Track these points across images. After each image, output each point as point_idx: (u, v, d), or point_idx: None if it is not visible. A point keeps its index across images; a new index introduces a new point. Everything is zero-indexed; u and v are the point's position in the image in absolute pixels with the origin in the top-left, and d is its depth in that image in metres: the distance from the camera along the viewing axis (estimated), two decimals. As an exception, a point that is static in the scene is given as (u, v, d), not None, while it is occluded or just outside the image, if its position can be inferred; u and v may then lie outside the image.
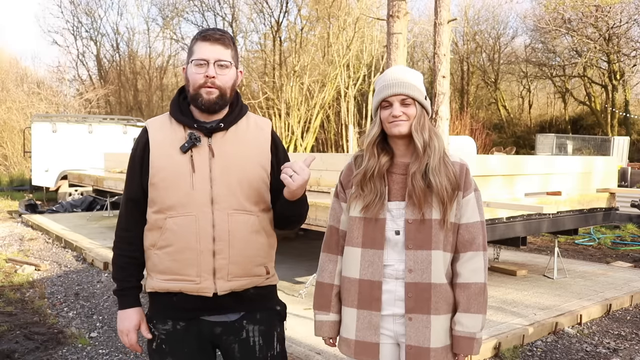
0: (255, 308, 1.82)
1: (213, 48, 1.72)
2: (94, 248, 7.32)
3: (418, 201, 1.73)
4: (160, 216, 1.73)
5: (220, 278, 1.72)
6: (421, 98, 1.78)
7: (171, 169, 1.72)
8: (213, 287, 1.72)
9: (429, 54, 27.19)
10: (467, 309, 1.74)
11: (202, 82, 1.71)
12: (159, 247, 1.74)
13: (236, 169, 1.75)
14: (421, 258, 1.73)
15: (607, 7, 21.72)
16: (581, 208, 5.59)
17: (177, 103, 1.81)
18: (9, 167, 21.57)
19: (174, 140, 1.75)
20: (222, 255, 1.72)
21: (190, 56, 1.75)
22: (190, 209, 1.71)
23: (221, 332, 1.79)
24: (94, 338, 4.19)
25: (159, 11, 35.28)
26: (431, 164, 1.74)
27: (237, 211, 1.74)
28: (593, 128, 26.57)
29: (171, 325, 1.78)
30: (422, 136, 1.75)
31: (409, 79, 1.78)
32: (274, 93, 23.73)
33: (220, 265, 1.72)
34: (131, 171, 1.82)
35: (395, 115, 1.75)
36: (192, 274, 1.71)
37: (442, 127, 5.76)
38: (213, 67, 1.71)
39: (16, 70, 28.83)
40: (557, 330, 4.29)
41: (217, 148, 1.75)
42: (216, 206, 1.72)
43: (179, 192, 1.71)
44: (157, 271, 1.75)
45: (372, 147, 1.80)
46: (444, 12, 5.85)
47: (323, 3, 23.32)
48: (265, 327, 1.83)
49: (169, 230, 1.71)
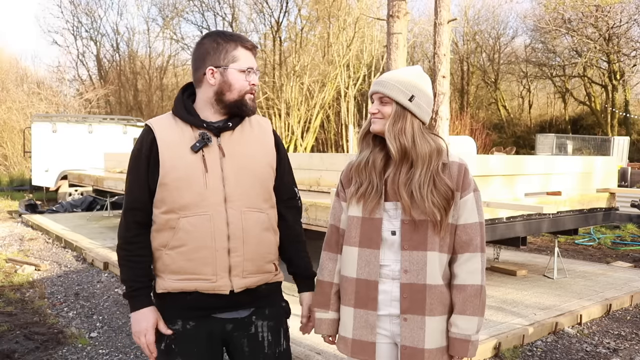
0: (264, 304, 1.85)
1: (253, 57, 1.82)
2: (94, 248, 7.32)
3: (405, 208, 1.72)
4: (172, 216, 1.72)
5: (235, 275, 1.75)
6: (401, 99, 1.72)
7: (184, 169, 1.72)
8: (229, 285, 1.74)
9: (429, 54, 27.18)
10: (463, 310, 1.72)
11: (249, 89, 1.80)
12: (171, 247, 1.73)
13: (247, 168, 1.79)
14: (416, 259, 1.72)
15: (607, 7, 21.73)
16: (581, 208, 5.59)
17: (182, 102, 1.82)
18: (9, 167, 21.57)
19: (183, 140, 1.76)
20: (237, 253, 1.74)
21: (231, 61, 1.77)
22: (205, 209, 1.72)
23: (232, 328, 1.81)
24: (94, 338, 4.20)
25: (159, 11, 35.30)
26: (415, 176, 1.70)
27: (250, 209, 1.78)
28: (593, 128, 26.58)
29: (180, 325, 1.77)
30: (398, 140, 1.71)
31: (398, 79, 1.75)
32: (274, 93, 23.74)
33: (235, 262, 1.74)
34: (135, 171, 1.79)
35: (372, 112, 1.78)
36: (208, 272, 1.72)
37: (442, 127, 5.77)
38: (255, 76, 1.82)
39: (16, 70, 28.85)
40: (557, 330, 4.29)
41: (226, 147, 1.78)
42: (229, 205, 1.74)
43: (193, 191, 1.72)
44: (170, 271, 1.74)
45: (363, 139, 1.83)
46: (444, 12, 5.85)
47: (323, 3, 23.33)
48: (274, 323, 1.87)
49: (183, 230, 1.71)
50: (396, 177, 1.75)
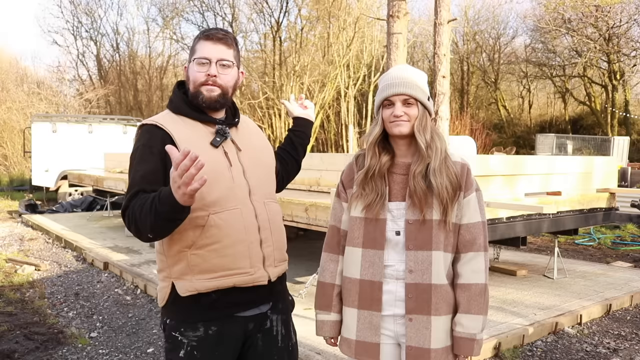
0: (280, 297, 1.89)
1: (216, 47, 1.73)
2: (94, 248, 7.32)
3: (419, 202, 1.72)
4: (200, 214, 1.64)
5: (269, 265, 1.78)
6: (424, 99, 1.76)
7: (210, 165, 1.61)
8: (266, 275, 1.77)
9: (429, 54, 27.19)
10: (468, 309, 1.73)
11: (204, 80, 1.73)
12: (199, 247, 1.66)
13: (260, 160, 1.86)
14: (422, 259, 1.72)
15: (607, 7, 21.73)
16: (581, 208, 5.59)
17: (183, 99, 1.79)
18: (9, 167, 21.57)
19: (198, 136, 1.73)
20: (267, 243, 1.78)
21: (192, 54, 1.76)
22: (234, 203, 1.71)
23: (253, 327, 1.79)
24: (94, 338, 4.19)
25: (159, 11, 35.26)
26: (432, 164, 1.73)
27: (269, 200, 1.85)
28: (593, 128, 26.57)
29: (202, 331, 1.71)
30: (424, 137, 1.74)
31: (412, 79, 1.76)
32: (274, 93, 23.72)
33: (267, 253, 1.78)
34: (145, 164, 1.64)
35: (397, 115, 1.73)
36: (246, 265, 1.72)
37: (442, 127, 5.77)
38: (215, 66, 1.73)
39: (16, 70, 28.84)
40: (557, 330, 4.29)
41: (238, 142, 1.81)
42: (253, 197, 1.77)
43: (221, 187, 1.69)
44: (199, 271, 1.67)
45: (374, 146, 1.79)
46: (444, 12, 5.85)
47: (323, 3, 23.32)
48: (285, 317, 1.90)
49: (214, 227, 1.66)
50: (404, 178, 1.78)
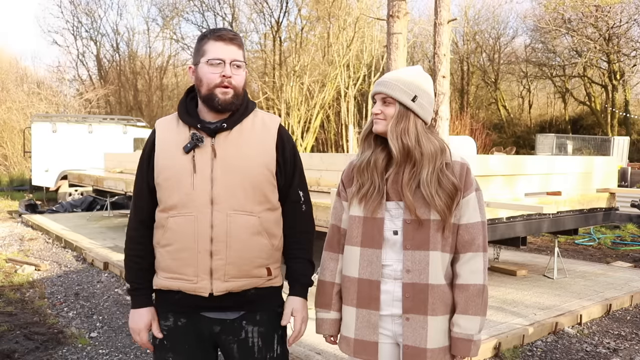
0: (255, 309, 1.82)
1: (228, 48, 1.72)
2: (94, 248, 7.32)
3: (410, 208, 1.71)
4: (164, 215, 1.76)
5: (217, 279, 1.73)
6: (405, 99, 1.72)
7: (173, 169, 1.74)
8: (209, 288, 1.73)
9: (429, 54, 27.18)
10: (465, 310, 1.72)
11: (219, 81, 1.71)
12: (162, 245, 1.78)
13: (238, 170, 1.74)
14: (419, 259, 1.72)
15: (607, 7, 21.74)
16: (581, 208, 5.59)
17: (185, 104, 1.82)
18: (9, 167, 21.57)
19: (178, 140, 1.77)
20: (219, 256, 1.72)
21: (201, 55, 1.73)
22: (190, 209, 1.72)
23: (220, 331, 1.80)
24: (94, 338, 4.19)
25: (159, 11, 35.32)
26: (422, 174, 1.69)
27: (237, 212, 1.73)
28: (593, 128, 26.58)
29: (172, 321, 1.81)
30: (400, 140, 1.70)
31: (400, 79, 1.75)
32: (274, 93, 23.74)
33: (217, 265, 1.72)
34: (139, 170, 1.85)
35: (374, 112, 1.77)
36: (190, 273, 1.73)
37: (442, 127, 5.76)
38: (229, 67, 1.71)
39: (16, 70, 28.83)
40: (557, 330, 4.29)
41: (219, 148, 1.75)
42: (216, 207, 1.72)
43: (180, 192, 1.73)
44: (161, 268, 1.79)
45: (365, 139, 1.82)
46: (444, 12, 5.85)
47: (323, 3, 23.33)
48: (265, 329, 1.82)
49: (170, 230, 1.74)
50: (398, 177, 1.74)
